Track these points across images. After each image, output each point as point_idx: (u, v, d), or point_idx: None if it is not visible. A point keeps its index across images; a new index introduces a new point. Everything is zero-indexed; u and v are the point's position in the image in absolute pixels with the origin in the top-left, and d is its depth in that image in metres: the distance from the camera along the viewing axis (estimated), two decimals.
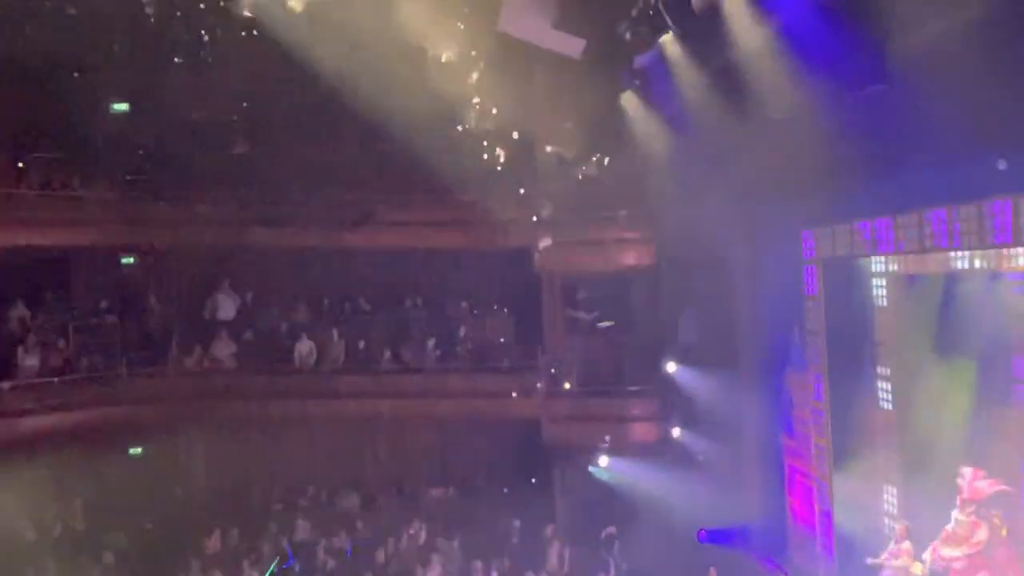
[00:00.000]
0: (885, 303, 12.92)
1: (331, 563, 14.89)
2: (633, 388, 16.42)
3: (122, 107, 16.94)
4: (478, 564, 14.22)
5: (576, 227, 16.22)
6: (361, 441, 18.19)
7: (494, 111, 16.26)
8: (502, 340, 17.47)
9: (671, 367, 16.32)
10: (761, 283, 14.74)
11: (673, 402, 16.30)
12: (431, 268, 17.28)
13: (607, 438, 16.35)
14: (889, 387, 12.95)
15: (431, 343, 17.26)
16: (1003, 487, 9.82)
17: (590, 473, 16.74)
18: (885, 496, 11.93)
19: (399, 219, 16.92)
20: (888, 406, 12.99)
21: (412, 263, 17.12)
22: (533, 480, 17.24)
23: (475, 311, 17.77)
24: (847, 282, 12.88)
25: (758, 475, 15.54)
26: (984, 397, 12.24)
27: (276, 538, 15.47)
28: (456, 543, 15.13)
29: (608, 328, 17.14)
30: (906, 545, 11.07)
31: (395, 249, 17.08)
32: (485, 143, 16.65)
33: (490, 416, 17.23)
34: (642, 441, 16.30)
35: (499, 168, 16.69)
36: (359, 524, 16.35)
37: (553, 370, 16.63)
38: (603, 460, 16.64)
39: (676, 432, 16.48)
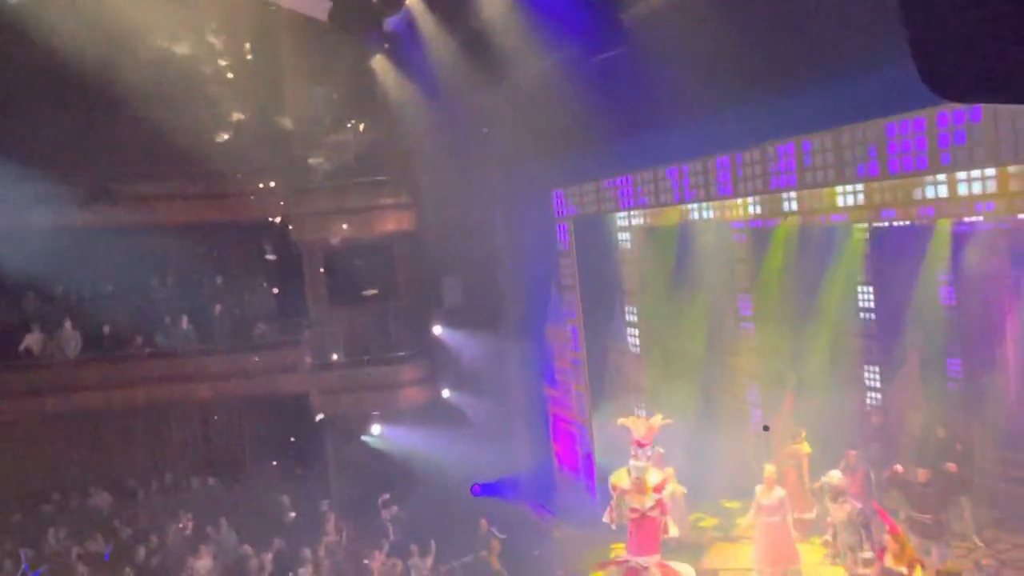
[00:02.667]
0: (630, 255, 13.97)
1: (84, 570, 13.66)
2: (401, 354, 16.51)
3: None
4: (249, 548, 13.69)
5: (333, 195, 15.93)
6: (111, 435, 16.83)
7: (241, 78, 15.54)
8: (262, 315, 16.82)
9: (438, 330, 16.60)
10: (519, 243, 15.34)
11: (441, 365, 16.61)
12: (179, 244, 16.19)
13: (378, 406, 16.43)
14: (636, 331, 14.07)
15: (184, 323, 16.21)
16: (669, 422, 10.43)
17: (363, 442, 16.70)
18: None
19: (140, 193, 15.69)
20: (636, 349, 14.12)
21: (158, 240, 15.94)
22: (303, 456, 16.88)
23: (231, 287, 16.93)
24: (596, 237, 13.74)
25: (526, 427, 16.29)
26: (715, 334, 13.69)
27: (15, 553, 13.93)
28: (225, 529, 14.47)
29: (373, 296, 17.06)
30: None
31: (137, 225, 15.79)
32: (232, 110, 15.86)
33: (255, 395, 16.59)
34: (413, 405, 16.48)
35: (250, 137, 15.99)
36: (116, 523, 15.15)
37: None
38: (375, 428, 16.66)
39: (446, 394, 16.84)
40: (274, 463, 16.77)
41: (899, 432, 13.11)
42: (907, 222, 12.62)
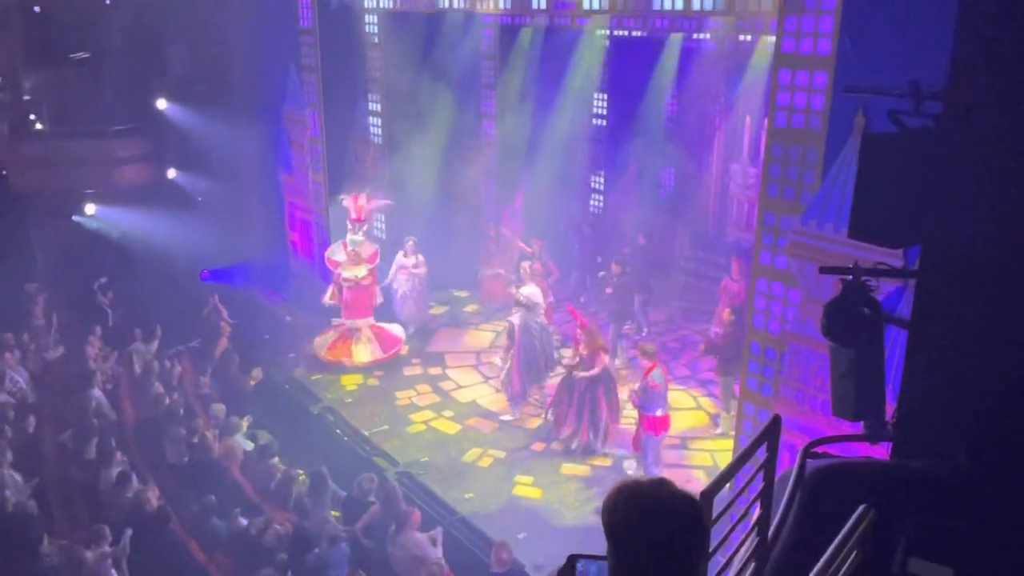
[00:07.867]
0: (376, 39, 13.40)
1: None
2: (119, 128, 15.00)
3: None
4: None
5: None
6: None
7: None
8: None
9: (162, 104, 15.21)
10: (254, 14, 14.09)
11: (167, 142, 15.37)
12: None
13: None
14: (379, 120, 13.80)
15: None
16: (385, 202, 11.86)
17: (75, 223, 15.32)
18: (376, 218, 12.98)
19: None
20: (378, 139, 13.90)
21: None
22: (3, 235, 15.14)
23: None
24: (341, 16, 12.96)
25: (260, 214, 15.73)
26: (457, 128, 13.78)
27: None
28: None
29: (84, 59, 15.08)
30: (420, 258, 12.43)
31: None
32: None
33: None
34: (133, 184, 15.25)
35: None
36: None
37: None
38: (89, 208, 15.30)
39: (172, 174, 15.74)
40: None
41: (613, 233, 14.31)
42: (643, 33, 13.19)
